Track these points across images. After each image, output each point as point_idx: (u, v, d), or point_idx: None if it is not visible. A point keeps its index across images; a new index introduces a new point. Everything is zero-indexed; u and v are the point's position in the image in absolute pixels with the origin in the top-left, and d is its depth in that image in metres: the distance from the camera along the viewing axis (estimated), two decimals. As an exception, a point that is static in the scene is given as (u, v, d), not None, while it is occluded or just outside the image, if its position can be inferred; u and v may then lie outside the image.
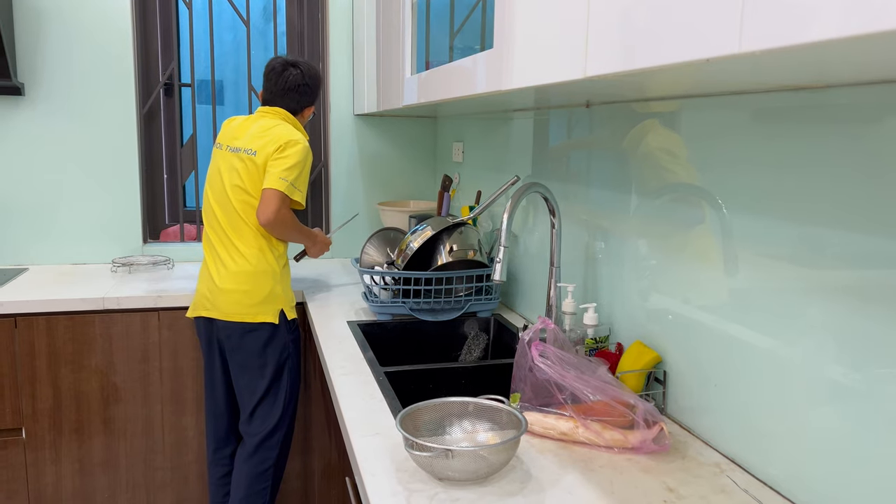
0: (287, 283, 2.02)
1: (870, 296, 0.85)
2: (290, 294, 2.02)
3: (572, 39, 0.88)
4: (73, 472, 2.17)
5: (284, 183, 1.89)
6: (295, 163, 1.91)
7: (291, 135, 1.94)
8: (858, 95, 0.86)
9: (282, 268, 2.00)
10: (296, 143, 1.93)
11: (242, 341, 1.94)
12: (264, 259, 1.96)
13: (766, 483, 1.03)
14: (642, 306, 1.35)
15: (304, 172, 1.95)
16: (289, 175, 1.90)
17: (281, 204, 1.89)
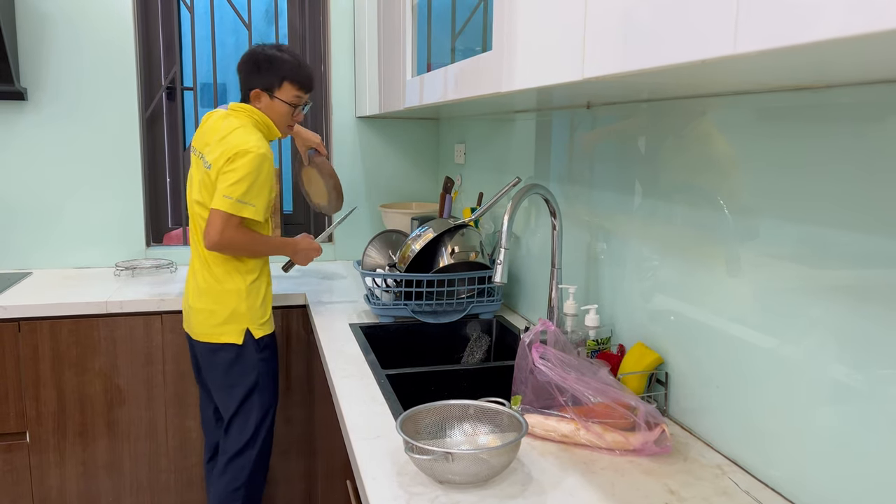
0: (256, 300, 1.92)
1: (872, 296, 0.85)
2: (258, 311, 1.92)
3: (570, 41, 0.88)
4: (78, 476, 2.17)
5: (228, 201, 1.76)
6: (241, 176, 1.76)
7: (242, 143, 1.78)
8: (860, 95, 0.86)
9: (249, 284, 1.90)
10: (245, 153, 1.77)
11: (211, 360, 1.92)
12: (230, 277, 1.88)
13: (768, 484, 1.02)
14: (644, 308, 1.35)
15: (256, 184, 1.79)
16: (234, 191, 1.76)
17: (225, 225, 1.77)
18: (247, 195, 1.78)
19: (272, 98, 1.90)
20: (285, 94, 1.91)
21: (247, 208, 1.79)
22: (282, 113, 1.92)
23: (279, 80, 1.89)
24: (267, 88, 1.90)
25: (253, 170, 1.77)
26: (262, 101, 1.90)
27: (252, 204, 1.79)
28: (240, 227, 1.80)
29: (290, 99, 1.91)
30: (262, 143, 1.81)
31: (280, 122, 1.94)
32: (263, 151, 1.80)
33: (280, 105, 1.91)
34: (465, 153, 2.48)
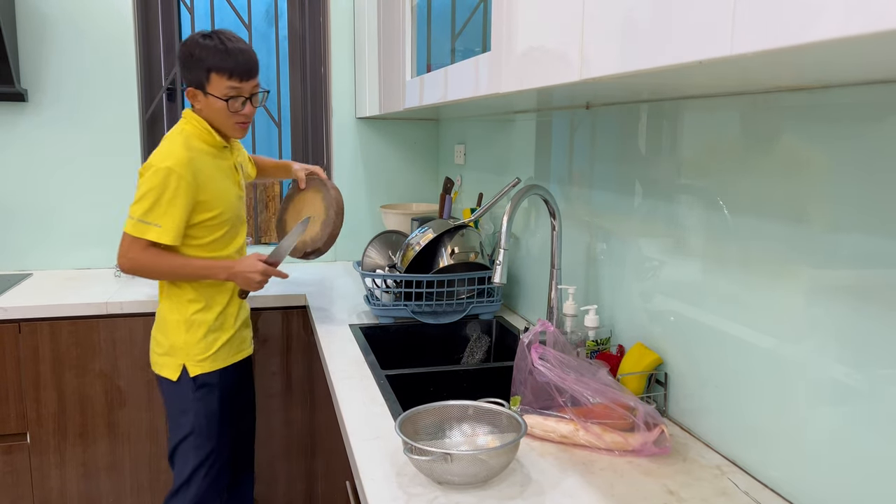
0: (196, 333, 1.75)
1: (872, 296, 0.85)
2: (198, 346, 1.75)
3: (569, 42, 0.88)
4: (78, 477, 2.17)
5: (130, 221, 1.63)
6: (144, 192, 1.62)
7: (155, 155, 1.65)
8: (859, 95, 0.86)
9: (191, 315, 1.75)
10: (147, 167, 1.63)
11: (159, 389, 1.84)
12: (171, 305, 1.76)
13: (767, 485, 1.02)
14: (643, 308, 1.35)
15: (160, 201, 1.61)
16: (135, 210, 1.63)
17: (128, 247, 1.64)
18: (149, 214, 1.62)
19: (206, 95, 1.68)
20: (216, 87, 1.67)
21: (151, 229, 1.62)
22: (219, 110, 1.69)
23: (206, 73, 1.65)
24: (197, 84, 1.68)
25: (155, 186, 1.61)
26: (199, 100, 1.70)
27: (156, 224, 1.62)
28: (147, 249, 1.65)
29: (224, 92, 1.67)
30: (171, 156, 1.62)
31: (222, 122, 1.72)
32: (168, 164, 1.60)
33: (215, 101, 1.68)
34: (465, 154, 2.48)
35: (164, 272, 1.70)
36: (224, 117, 1.70)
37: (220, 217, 1.73)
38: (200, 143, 1.71)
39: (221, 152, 1.77)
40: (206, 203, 1.69)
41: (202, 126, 1.72)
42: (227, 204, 1.75)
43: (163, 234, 1.63)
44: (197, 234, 1.72)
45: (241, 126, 1.73)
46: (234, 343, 1.84)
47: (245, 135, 1.77)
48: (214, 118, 1.71)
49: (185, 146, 1.66)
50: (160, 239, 1.63)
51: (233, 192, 1.79)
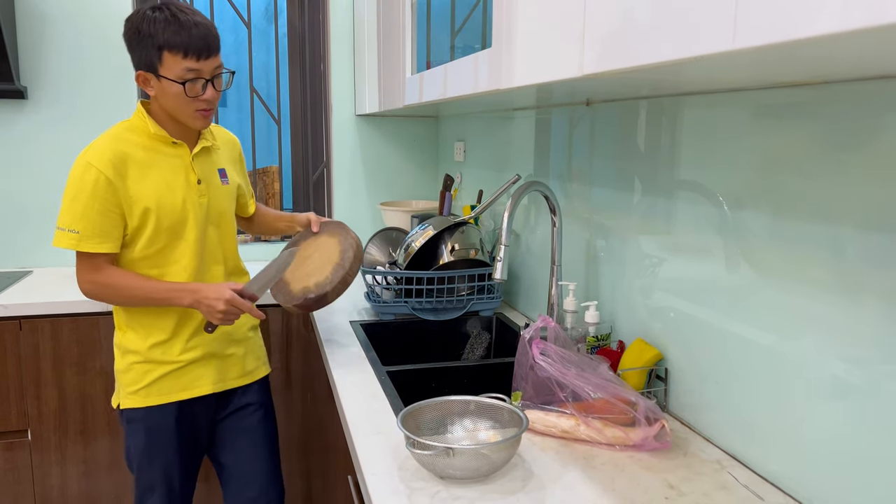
0: (123, 360, 1.56)
1: (870, 292, 0.85)
2: (126, 375, 1.55)
3: (570, 38, 0.88)
4: (79, 474, 2.18)
5: (57, 234, 1.43)
6: (66, 197, 1.43)
7: (81, 153, 1.44)
8: (857, 91, 0.86)
9: (125, 339, 1.55)
10: (75, 165, 1.43)
11: None
12: (119, 330, 1.58)
13: (768, 479, 1.03)
14: (644, 304, 1.35)
15: (77, 202, 1.40)
16: (60, 218, 1.43)
17: (78, 268, 1.46)
18: (64, 218, 1.41)
19: (159, 78, 1.41)
20: (170, 68, 1.39)
21: (66, 236, 1.41)
22: (176, 95, 1.41)
23: (157, 52, 1.38)
24: (148, 66, 1.41)
25: (72, 183, 1.41)
26: (152, 85, 1.43)
27: (73, 230, 1.40)
28: (93, 267, 1.44)
29: (179, 74, 1.39)
30: (92, 148, 1.42)
31: (180, 110, 1.44)
32: (87, 159, 1.40)
33: (170, 85, 1.41)
34: (465, 151, 2.48)
35: (123, 296, 1.47)
36: (182, 104, 1.43)
37: (149, 224, 1.46)
38: (136, 136, 1.47)
39: (169, 147, 1.50)
40: (132, 204, 1.44)
41: (142, 117, 1.49)
42: (165, 208, 1.46)
43: (80, 240, 1.40)
44: (127, 244, 1.48)
45: (202, 114, 1.46)
46: (177, 378, 1.56)
47: (208, 124, 1.51)
48: (171, 105, 1.44)
49: (113, 137, 1.45)
50: (77, 245, 1.40)
51: (178, 194, 1.48)
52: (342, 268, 1.58)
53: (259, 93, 2.75)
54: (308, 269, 1.62)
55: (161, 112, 1.48)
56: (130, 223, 1.45)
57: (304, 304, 1.57)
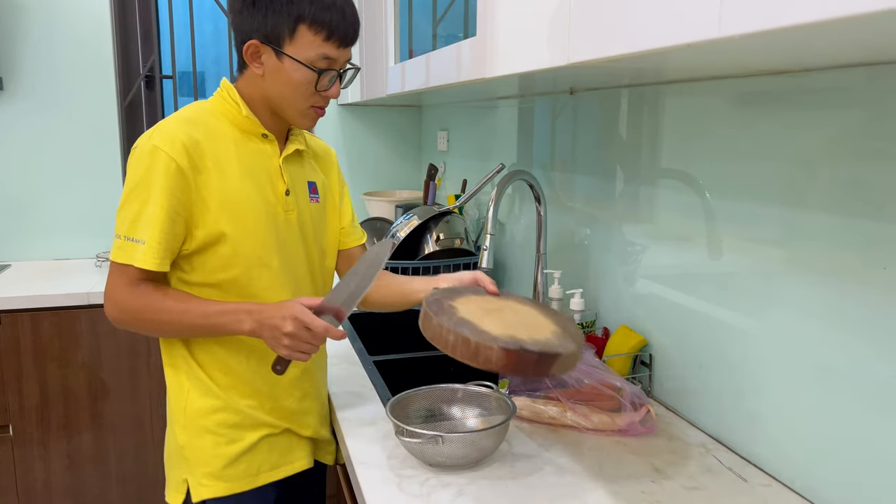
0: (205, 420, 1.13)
1: (851, 277, 0.87)
2: (209, 448, 1.13)
3: (555, 26, 0.88)
4: (63, 469, 2.16)
5: (115, 244, 1.06)
6: (126, 193, 1.06)
7: (144, 135, 1.08)
8: (837, 79, 0.87)
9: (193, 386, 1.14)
10: (133, 148, 1.08)
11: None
12: (170, 369, 1.16)
13: (751, 461, 1.05)
14: (628, 291, 1.36)
15: (141, 201, 1.03)
16: (119, 223, 1.06)
17: (111, 286, 1.07)
18: (134, 224, 1.04)
19: (280, 56, 1.07)
20: (303, 47, 1.07)
21: (128, 248, 1.04)
22: (296, 83, 1.09)
23: (293, 22, 1.06)
24: (270, 37, 1.07)
25: (133, 175, 1.05)
26: (265, 62, 1.09)
27: (138, 238, 1.03)
28: (137, 286, 1.05)
29: (311, 58, 1.07)
30: (161, 129, 1.06)
31: (291, 103, 1.11)
32: (154, 142, 1.04)
33: (295, 69, 1.08)
34: (448, 140, 2.48)
35: (163, 322, 1.07)
36: (299, 94, 1.10)
37: (225, 241, 1.08)
38: (217, 120, 1.12)
39: (257, 142, 1.14)
40: (205, 210, 1.06)
41: (229, 97, 1.13)
42: (247, 220, 1.09)
43: (148, 253, 1.03)
44: (185, 265, 1.10)
45: (317, 112, 1.14)
46: (271, 449, 1.17)
47: (314, 125, 1.17)
48: (283, 93, 1.10)
49: (187, 119, 1.09)
50: (144, 263, 1.03)
51: (263, 203, 1.12)
52: (571, 341, 1.00)
53: (240, 82, 2.73)
54: (505, 320, 1.02)
55: (256, 97, 1.13)
56: (196, 235, 1.07)
57: (522, 354, 0.92)
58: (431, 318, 0.96)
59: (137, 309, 1.06)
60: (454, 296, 1.07)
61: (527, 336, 0.96)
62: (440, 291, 1.09)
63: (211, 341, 1.13)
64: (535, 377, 0.92)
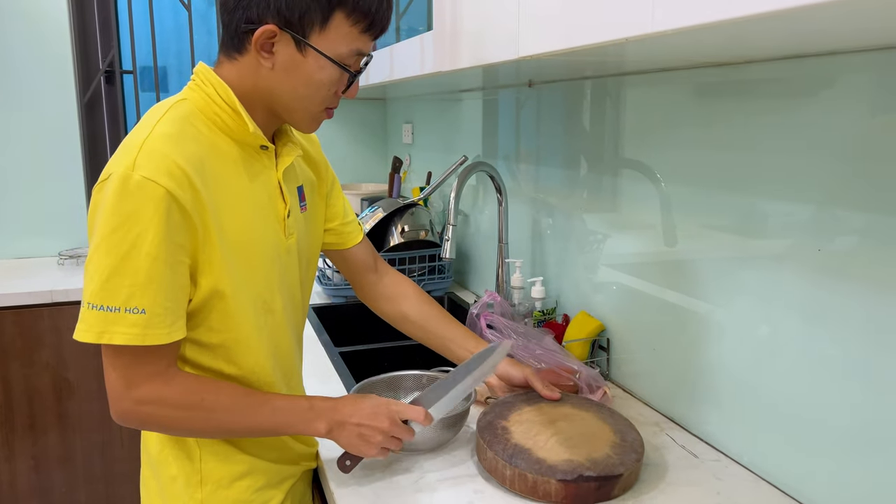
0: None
1: (797, 261, 0.91)
2: None
3: (506, 22, 0.91)
4: (29, 469, 2.14)
5: (85, 315, 0.80)
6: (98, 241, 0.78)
7: (118, 155, 0.80)
8: (776, 70, 0.92)
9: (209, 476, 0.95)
10: (103, 180, 0.80)
11: None
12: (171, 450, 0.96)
13: (702, 438, 1.09)
14: (587, 278, 1.40)
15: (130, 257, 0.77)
16: (89, 287, 0.79)
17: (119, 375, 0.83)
18: (107, 289, 0.78)
19: (302, 48, 0.85)
20: (335, 39, 0.85)
21: (120, 323, 0.79)
22: (316, 81, 0.87)
23: (326, 8, 0.83)
24: (293, 23, 0.84)
25: (110, 221, 0.78)
26: (279, 51, 0.85)
27: (134, 308, 0.79)
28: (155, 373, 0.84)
29: (343, 53, 0.87)
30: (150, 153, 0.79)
31: (304, 101, 0.89)
32: (143, 174, 0.77)
33: (321, 65, 0.86)
34: (413, 133, 2.50)
35: (206, 423, 0.88)
36: (318, 97, 0.89)
37: (233, 290, 0.87)
38: (212, 131, 0.88)
39: (254, 155, 0.92)
40: (212, 253, 0.84)
41: (223, 100, 0.87)
42: (254, 262, 0.91)
43: (149, 325, 0.80)
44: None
45: (329, 114, 0.94)
46: (293, 499, 1.06)
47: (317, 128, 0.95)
48: (296, 93, 0.88)
49: (174, 136, 0.82)
50: (143, 340, 0.80)
51: (268, 235, 0.93)
52: (631, 452, 0.96)
53: (202, 77, 2.71)
54: (562, 436, 0.99)
55: (249, 92, 0.88)
56: (202, 286, 0.85)
57: (581, 484, 0.90)
58: (486, 451, 0.96)
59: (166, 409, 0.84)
60: (506, 412, 1.04)
61: (585, 456, 0.93)
62: (491, 408, 1.05)
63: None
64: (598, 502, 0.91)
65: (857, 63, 0.80)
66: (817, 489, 0.89)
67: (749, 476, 0.99)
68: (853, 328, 0.83)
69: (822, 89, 0.85)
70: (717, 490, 0.95)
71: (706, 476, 0.99)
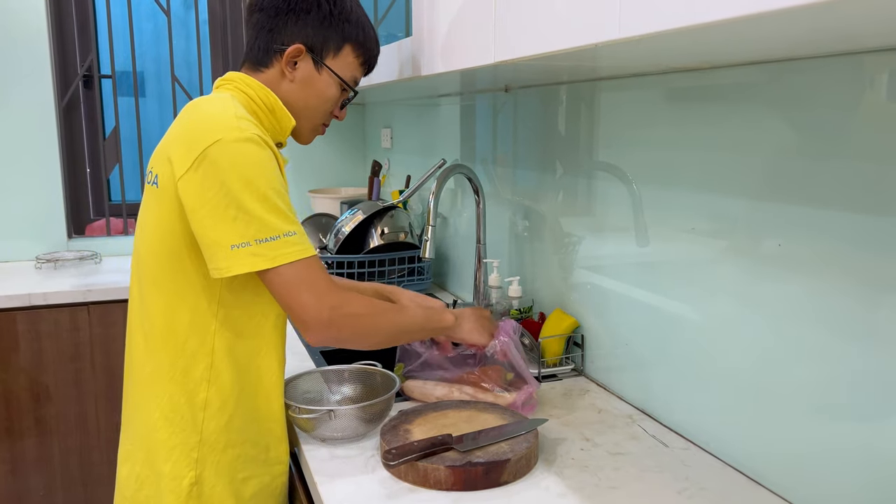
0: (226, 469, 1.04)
1: (764, 259, 0.96)
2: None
3: (482, 29, 0.95)
4: (5, 473, 2.12)
5: (258, 248, 0.91)
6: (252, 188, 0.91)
7: (214, 121, 0.94)
8: (740, 75, 0.97)
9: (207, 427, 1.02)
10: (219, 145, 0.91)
11: None
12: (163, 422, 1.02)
13: (672, 429, 1.14)
14: (563, 277, 1.45)
15: (273, 191, 0.93)
16: (262, 224, 0.91)
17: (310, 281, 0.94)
18: (268, 220, 0.92)
19: (319, 67, 1.10)
20: (343, 66, 1.12)
21: (289, 246, 0.93)
22: (326, 96, 1.12)
23: (341, 40, 1.10)
24: (316, 48, 1.09)
25: (249, 167, 0.92)
26: (302, 67, 1.09)
27: (290, 232, 0.93)
28: (332, 284, 0.97)
29: (346, 76, 1.13)
30: (247, 124, 0.95)
31: (313, 113, 1.13)
32: (249, 134, 0.93)
33: (330, 83, 1.11)
34: (392, 137, 2.53)
35: (378, 325, 1.03)
36: (323, 109, 1.13)
37: None
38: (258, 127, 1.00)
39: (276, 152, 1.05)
40: None
41: (262, 99, 1.07)
42: None
43: (303, 241, 0.95)
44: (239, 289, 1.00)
45: (321, 129, 1.19)
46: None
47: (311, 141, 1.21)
48: (310, 104, 1.12)
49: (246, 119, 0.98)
50: (309, 250, 0.95)
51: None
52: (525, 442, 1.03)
53: (181, 81, 2.72)
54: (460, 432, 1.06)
55: (274, 96, 1.09)
56: None
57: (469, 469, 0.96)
58: (383, 448, 1.01)
59: (355, 311, 0.98)
60: (413, 417, 1.10)
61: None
62: (398, 414, 1.12)
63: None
64: (489, 487, 0.95)
65: (818, 67, 0.85)
66: (777, 471, 0.94)
67: (716, 462, 1.03)
68: (812, 320, 0.88)
69: (784, 92, 0.90)
70: (685, 475, 0.99)
71: (675, 463, 1.03)
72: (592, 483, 0.97)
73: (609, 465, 1.02)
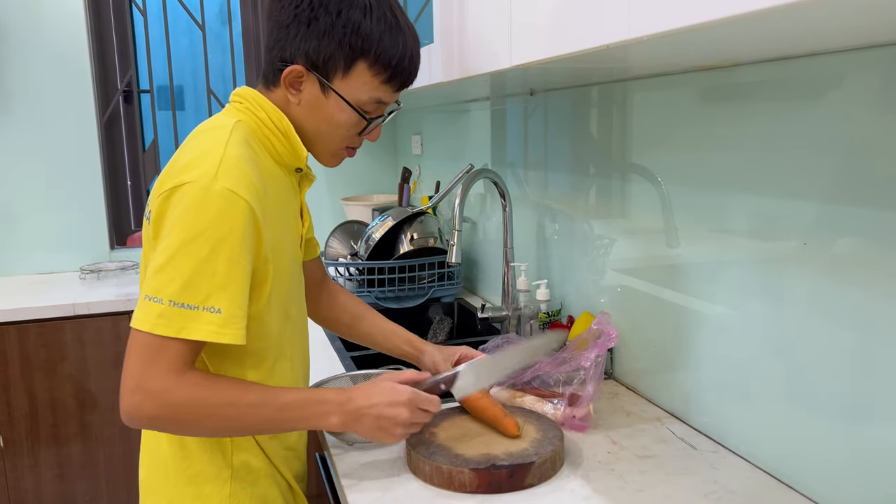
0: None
1: (799, 259, 0.94)
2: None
3: (500, 34, 0.96)
4: (53, 478, 2.20)
5: (148, 308, 0.82)
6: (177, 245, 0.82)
7: (192, 164, 0.85)
8: (764, 72, 0.95)
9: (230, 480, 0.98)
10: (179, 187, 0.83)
11: None
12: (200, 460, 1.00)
13: (702, 431, 1.12)
14: (591, 280, 1.44)
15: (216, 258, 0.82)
16: (162, 282, 0.81)
17: (144, 367, 0.84)
18: (195, 289, 0.81)
19: (325, 90, 0.94)
20: (356, 86, 0.94)
21: (199, 319, 0.82)
22: (336, 122, 0.96)
23: (349, 55, 0.92)
24: (318, 66, 0.93)
25: (192, 224, 0.82)
26: (304, 90, 0.94)
27: (212, 307, 0.82)
28: (189, 370, 0.84)
29: (361, 99, 0.95)
30: (229, 167, 0.84)
31: (326, 139, 0.98)
32: (227, 185, 0.83)
33: (340, 108, 0.95)
34: (422, 144, 2.55)
35: (226, 418, 0.87)
36: (337, 136, 0.98)
37: (271, 304, 0.94)
38: (263, 154, 0.95)
39: (288, 177, 1.00)
40: (266, 268, 0.91)
41: (275, 123, 0.95)
42: (284, 277, 0.97)
43: (226, 324, 0.83)
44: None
45: (349, 153, 1.04)
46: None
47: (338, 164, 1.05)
48: (317, 130, 0.97)
49: (247, 159, 0.88)
50: (218, 337, 0.83)
51: (293, 256, 1.01)
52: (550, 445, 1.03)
53: (216, 94, 2.78)
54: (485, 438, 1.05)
55: (285, 118, 0.96)
56: (252, 299, 0.90)
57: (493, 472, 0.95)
58: (410, 452, 1.02)
59: (188, 402, 0.84)
60: (438, 420, 1.09)
61: (502, 451, 0.99)
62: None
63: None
64: (514, 490, 0.95)
65: (847, 62, 0.84)
66: (810, 475, 0.92)
67: (745, 465, 1.01)
68: (846, 322, 0.86)
69: (815, 90, 0.88)
70: (713, 479, 0.98)
71: (703, 466, 1.01)
72: (619, 486, 0.96)
73: (636, 468, 1.01)
